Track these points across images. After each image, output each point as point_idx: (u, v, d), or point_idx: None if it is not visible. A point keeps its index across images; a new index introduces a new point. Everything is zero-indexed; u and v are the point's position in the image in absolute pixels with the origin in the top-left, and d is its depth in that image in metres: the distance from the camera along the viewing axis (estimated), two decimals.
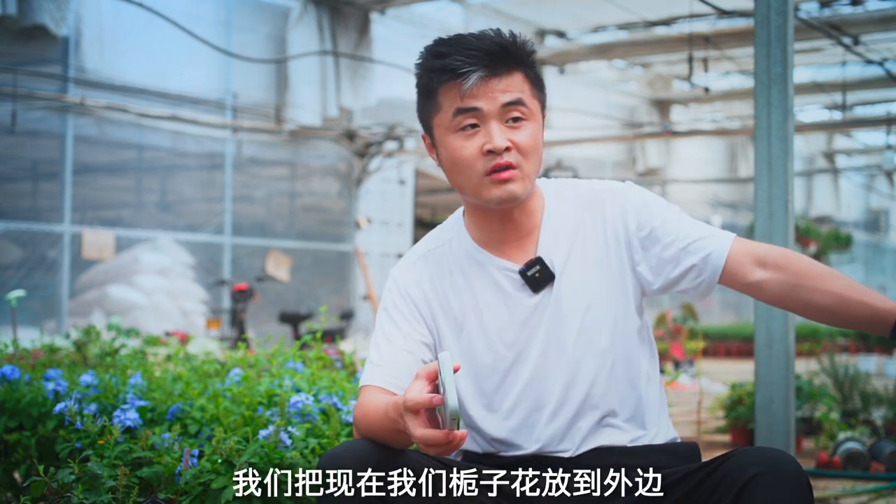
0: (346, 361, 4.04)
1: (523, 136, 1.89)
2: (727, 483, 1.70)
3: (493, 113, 1.87)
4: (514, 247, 1.98)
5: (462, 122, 1.88)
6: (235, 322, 10.00)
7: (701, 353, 7.46)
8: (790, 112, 3.92)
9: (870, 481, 4.77)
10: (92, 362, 4.56)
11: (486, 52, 1.86)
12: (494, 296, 1.97)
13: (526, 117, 1.90)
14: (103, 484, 2.26)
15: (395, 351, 1.94)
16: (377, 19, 12.43)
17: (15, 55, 9.46)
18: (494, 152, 1.87)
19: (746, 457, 1.71)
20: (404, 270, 2.04)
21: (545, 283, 1.95)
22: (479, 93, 1.87)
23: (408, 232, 13.73)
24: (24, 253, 9.69)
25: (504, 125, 1.88)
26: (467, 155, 1.89)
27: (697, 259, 1.91)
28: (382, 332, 1.98)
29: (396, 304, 2.00)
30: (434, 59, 1.89)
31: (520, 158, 1.89)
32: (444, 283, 2.01)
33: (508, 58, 1.88)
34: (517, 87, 1.89)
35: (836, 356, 6.76)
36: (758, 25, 3.95)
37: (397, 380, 1.90)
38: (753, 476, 1.67)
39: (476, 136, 1.89)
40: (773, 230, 3.89)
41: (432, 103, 1.92)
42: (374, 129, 12.59)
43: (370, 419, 1.81)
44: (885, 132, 14.59)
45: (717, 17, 11.81)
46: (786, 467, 1.67)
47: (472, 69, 1.85)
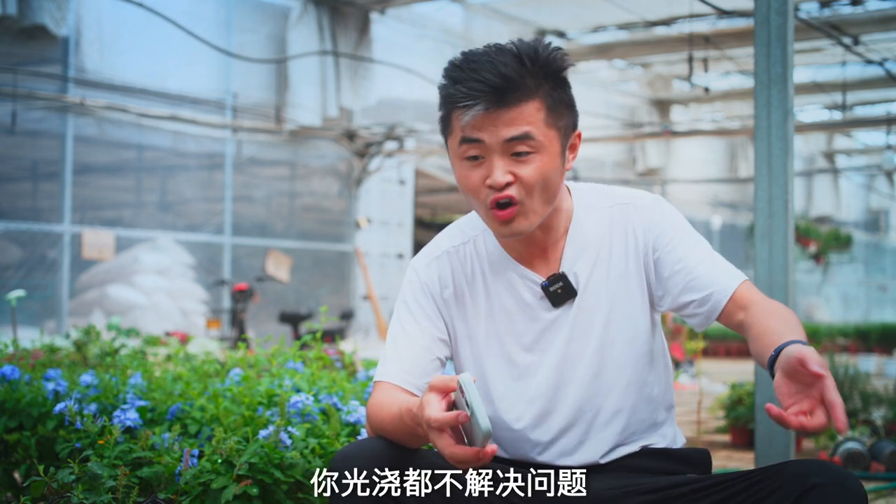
0: (346, 361, 4.04)
1: (528, 171, 1.82)
2: (782, 492, 1.65)
3: (495, 147, 1.81)
4: (538, 258, 1.95)
5: (467, 152, 1.84)
6: (235, 322, 10.00)
7: (701, 353, 7.46)
8: (790, 112, 3.92)
9: (870, 481, 4.77)
10: (92, 362, 4.56)
11: (490, 85, 1.78)
12: (513, 304, 1.95)
13: (534, 150, 1.82)
14: (103, 484, 2.26)
15: (413, 347, 1.92)
16: (377, 19, 12.43)
17: (15, 55, 9.47)
18: (493, 187, 1.82)
19: (805, 468, 1.66)
20: (426, 264, 2.00)
21: (566, 299, 1.93)
22: (482, 125, 1.80)
23: (408, 232, 13.73)
24: (24, 253, 9.69)
25: (509, 158, 1.82)
26: (471, 185, 1.85)
27: (699, 296, 1.88)
28: (401, 326, 1.95)
29: (417, 298, 1.97)
30: (447, 81, 1.85)
31: (522, 194, 1.82)
32: (465, 282, 1.98)
33: (517, 90, 1.80)
34: (526, 119, 1.80)
35: (836, 356, 6.76)
36: (758, 25, 3.95)
37: (413, 378, 1.88)
38: (813, 486, 1.62)
39: (480, 167, 1.84)
40: (773, 230, 3.89)
41: (446, 124, 1.89)
42: (374, 129, 12.59)
43: (383, 418, 1.80)
44: (885, 132, 14.60)
45: (717, 17, 11.81)
46: (846, 483, 1.62)
47: (472, 103, 1.79)
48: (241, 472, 2.24)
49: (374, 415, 1.84)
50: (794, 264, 3.94)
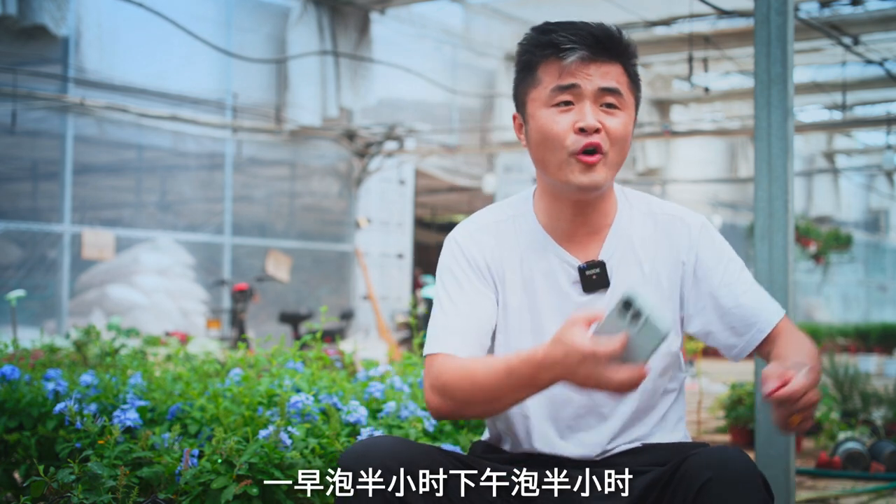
0: (346, 361, 4.04)
1: (615, 123, 1.89)
2: (683, 488, 1.68)
3: (589, 93, 1.87)
4: (579, 242, 1.97)
5: (558, 98, 1.89)
6: (235, 322, 10.00)
7: (701, 353, 7.47)
8: (790, 112, 3.92)
9: (870, 481, 4.77)
10: (92, 362, 4.56)
11: (591, 34, 1.88)
12: (546, 282, 1.96)
13: (621, 107, 1.90)
14: (103, 484, 2.26)
15: (462, 318, 1.91)
16: (377, 19, 12.43)
17: (15, 55, 9.46)
18: (586, 131, 1.86)
19: (700, 459, 1.69)
20: (467, 236, 2.01)
21: (598, 287, 1.94)
22: (579, 71, 1.88)
23: (408, 232, 13.73)
24: (24, 253, 9.69)
25: (598, 108, 1.88)
26: (558, 130, 1.88)
27: (739, 324, 1.91)
28: (448, 297, 1.94)
29: (462, 266, 1.97)
30: (540, 34, 1.92)
31: (608, 144, 1.89)
32: (502, 256, 1.99)
33: (612, 46, 1.89)
34: (616, 76, 1.89)
35: (836, 356, 6.77)
36: (758, 25, 3.95)
37: (472, 348, 1.87)
38: (706, 480, 1.64)
39: (569, 112, 1.88)
40: (773, 230, 3.89)
41: (531, 78, 1.93)
42: (374, 129, 12.58)
43: (481, 382, 1.75)
44: (885, 132, 14.58)
45: (717, 17, 11.80)
46: (736, 468, 1.65)
47: (575, 46, 1.87)
48: (241, 472, 2.24)
49: (464, 382, 1.79)
50: (794, 264, 3.94)
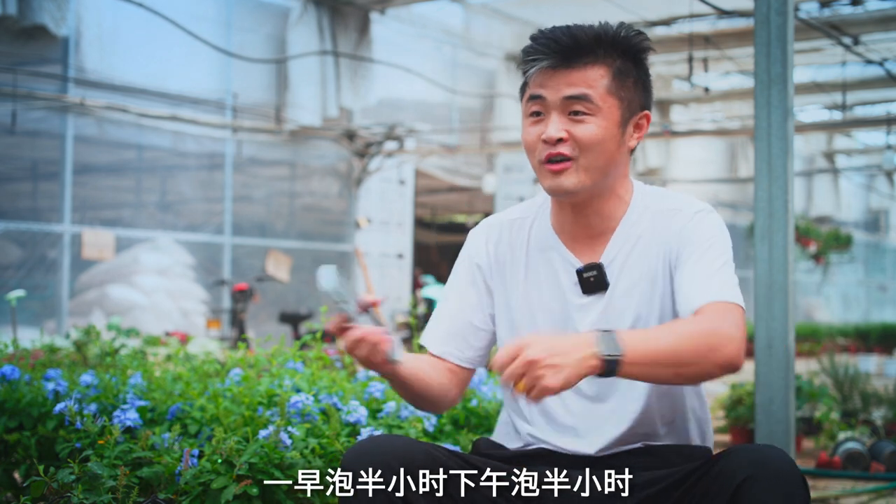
0: (346, 361, 4.04)
1: (583, 130, 1.90)
2: (718, 486, 1.68)
3: (554, 104, 1.91)
4: (585, 244, 2.00)
5: (530, 109, 1.95)
6: (235, 322, 10.00)
7: None
8: (790, 112, 3.92)
9: (870, 481, 4.77)
10: (92, 362, 4.56)
11: (556, 41, 1.91)
12: (547, 281, 2.00)
13: (591, 113, 1.90)
14: (103, 484, 2.26)
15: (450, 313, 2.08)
16: (377, 19, 12.42)
17: (15, 55, 9.46)
18: (547, 142, 1.91)
19: (738, 457, 1.68)
20: (480, 231, 2.13)
21: (597, 289, 1.96)
22: (544, 82, 1.92)
23: (408, 232, 13.73)
24: (24, 253, 9.69)
25: (566, 117, 1.91)
26: (529, 140, 1.95)
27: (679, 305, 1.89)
28: (446, 290, 2.13)
29: (463, 264, 2.11)
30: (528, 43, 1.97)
31: (576, 152, 1.90)
32: (511, 252, 2.06)
33: (581, 51, 1.91)
34: (587, 81, 1.90)
35: (836, 356, 6.76)
36: (758, 25, 3.96)
37: (448, 345, 2.06)
38: (745, 479, 1.64)
39: (539, 123, 1.94)
40: (773, 230, 3.90)
41: (523, 86, 2.00)
42: (374, 129, 12.58)
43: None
44: (885, 132, 14.58)
45: (717, 17, 11.80)
46: (779, 467, 1.64)
47: (539, 57, 1.91)
48: (241, 472, 2.25)
49: None
50: (794, 264, 3.94)
